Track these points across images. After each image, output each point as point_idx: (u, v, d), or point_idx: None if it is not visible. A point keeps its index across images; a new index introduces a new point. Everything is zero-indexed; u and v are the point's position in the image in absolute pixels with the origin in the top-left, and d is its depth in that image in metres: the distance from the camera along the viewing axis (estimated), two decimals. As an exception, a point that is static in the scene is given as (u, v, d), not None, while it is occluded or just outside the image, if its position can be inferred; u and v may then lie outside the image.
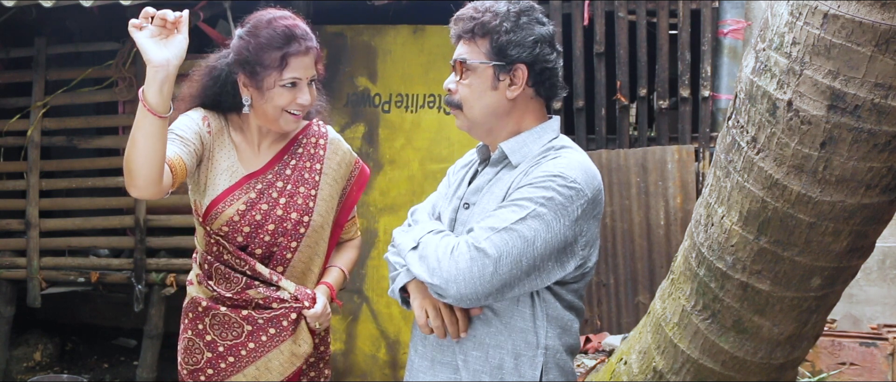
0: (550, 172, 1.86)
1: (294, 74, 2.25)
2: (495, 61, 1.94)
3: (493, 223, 1.84)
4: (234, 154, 2.35)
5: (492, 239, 1.81)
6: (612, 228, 4.94)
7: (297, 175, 2.37)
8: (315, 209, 2.38)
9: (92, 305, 6.32)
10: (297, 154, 2.40)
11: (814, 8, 1.87)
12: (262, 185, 2.33)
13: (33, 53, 5.16)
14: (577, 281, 1.97)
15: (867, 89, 1.84)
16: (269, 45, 2.25)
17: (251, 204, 2.31)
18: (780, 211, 2.09)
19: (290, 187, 2.35)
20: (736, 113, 2.18)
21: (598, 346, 4.31)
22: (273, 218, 2.32)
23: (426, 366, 2.02)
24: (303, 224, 2.36)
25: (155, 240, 5.11)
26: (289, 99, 2.26)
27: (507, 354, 1.93)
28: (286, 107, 2.27)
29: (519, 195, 1.86)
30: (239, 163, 2.35)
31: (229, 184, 2.32)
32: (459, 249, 1.83)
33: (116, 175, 5.24)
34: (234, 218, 2.30)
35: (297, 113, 2.29)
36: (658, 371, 2.72)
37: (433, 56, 5.15)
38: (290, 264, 2.38)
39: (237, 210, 2.30)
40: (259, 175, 2.35)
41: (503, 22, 1.93)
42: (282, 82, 2.24)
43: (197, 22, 4.82)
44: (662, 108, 5.10)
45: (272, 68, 2.24)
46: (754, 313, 2.33)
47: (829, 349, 3.98)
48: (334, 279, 2.50)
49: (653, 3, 5.06)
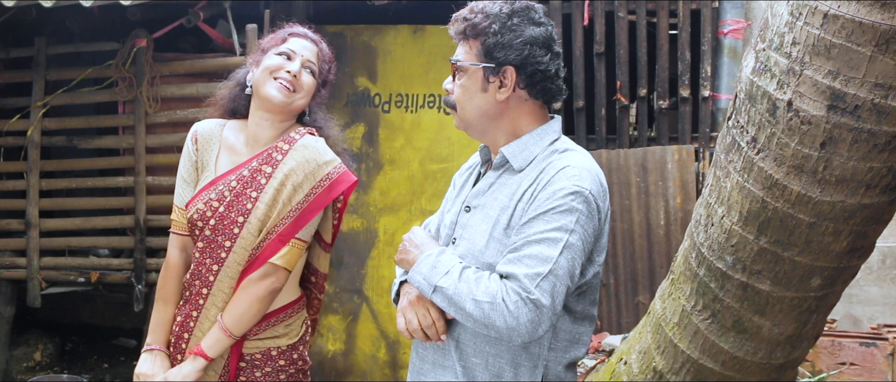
0: (568, 190, 1.83)
1: (290, 47, 2.40)
2: (485, 63, 1.92)
3: (536, 268, 1.79)
4: (220, 159, 2.44)
5: (542, 288, 1.77)
6: (612, 228, 4.94)
7: (249, 176, 2.39)
8: (252, 211, 2.35)
9: (92, 305, 6.32)
10: (263, 156, 2.41)
11: (814, 8, 1.87)
12: (223, 186, 2.40)
13: (33, 53, 5.15)
14: (590, 288, 1.97)
15: (867, 89, 1.84)
16: (281, 32, 2.47)
17: (208, 202, 2.38)
18: (780, 212, 2.09)
19: (238, 187, 2.38)
20: (736, 113, 2.18)
21: (598, 346, 4.31)
22: (216, 215, 2.37)
23: (428, 369, 2.03)
24: (237, 224, 2.36)
25: (155, 240, 5.11)
26: (277, 64, 2.37)
27: (506, 363, 1.92)
28: (274, 72, 2.36)
29: (546, 226, 1.82)
30: (220, 167, 2.43)
31: (201, 186, 2.43)
32: (511, 300, 1.78)
33: (116, 175, 5.25)
34: (194, 215, 2.39)
35: (284, 79, 2.35)
36: (658, 371, 2.72)
37: (433, 56, 5.15)
38: (225, 263, 2.37)
39: (197, 209, 2.39)
40: (226, 176, 2.41)
41: (492, 23, 1.91)
42: (277, 51, 2.40)
43: (197, 22, 4.82)
44: (662, 108, 5.10)
45: (274, 43, 2.43)
46: (754, 313, 2.33)
47: (829, 349, 3.98)
48: (209, 345, 2.35)
49: (653, 3, 5.06)
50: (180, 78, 5.06)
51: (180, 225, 2.46)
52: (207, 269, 2.38)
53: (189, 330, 2.41)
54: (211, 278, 2.38)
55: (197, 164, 2.45)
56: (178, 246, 2.47)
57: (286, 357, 2.45)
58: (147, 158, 5.05)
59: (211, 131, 2.47)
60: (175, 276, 2.46)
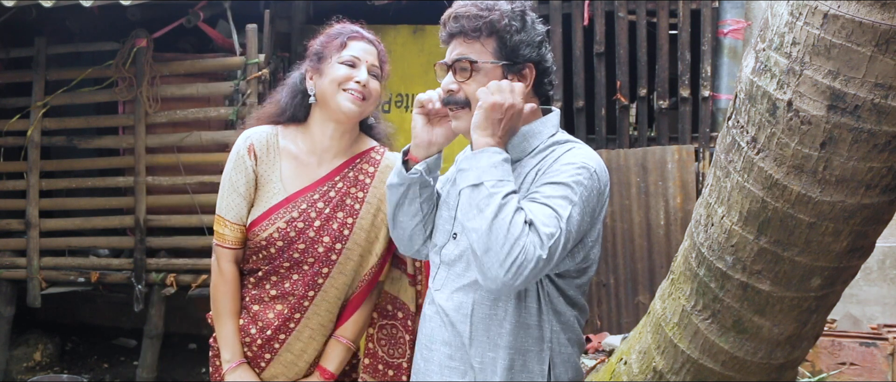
0: (576, 163, 1.88)
1: (353, 53, 2.31)
2: (503, 61, 1.94)
3: (549, 226, 1.79)
4: (284, 171, 2.34)
5: (551, 246, 1.78)
6: (612, 228, 4.94)
7: (339, 198, 2.32)
8: (351, 237, 2.31)
9: (92, 305, 6.33)
10: (347, 177, 2.35)
11: (814, 8, 1.87)
12: (306, 205, 2.30)
13: (33, 53, 5.16)
14: (580, 275, 1.98)
15: (867, 89, 1.84)
16: (335, 34, 2.36)
17: (291, 222, 2.28)
18: (780, 211, 2.09)
19: (328, 210, 2.30)
20: (736, 113, 2.18)
21: (598, 346, 4.31)
22: (305, 239, 2.28)
23: (434, 371, 2.02)
24: (334, 250, 2.29)
25: (155, 240, 5.11)
26: (345, 74, 2.28)
27: (516, 353, 1.94)
28: (342, 83, 2.28)
29: (553, 191, 1.84)
30: (287, 181, 2.33)
31: (272, 203, 2.31)
32: (530, 241, 1.77)
33: (116, 175, 5.25)
34: (274, 235, 2.28)
35: (355, 90, 2.28)
36: (658, 371, 2.72)
37: (433, 56, 5.14)
38: (322, 289, 2.32)
39: (277, 227, 2.28)
40: (305, 192, 2.32)
41: (512, 22, 1.93)
42: (341, 59, 2.30)
43: (197, 22, 4.82)
44: (662, 108, 5.10)
45: (334, 49, 2.32)
46: (754, 313, 2.33)
47: (829, 349, 3.98)
48: (336, 365, 2.38)
49: (653, 3, 5.06)
50: (180, 78, 5.06)
51: (233, 240, 2.33)
52: (301, 296, 2.31)
53: (273, 352, 2.34)
54: (306, 304, 2.31)
55: (257, 178, 2.32)
56: (232, 260, 2.35)
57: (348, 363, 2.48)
58: (147, 158, 5.05)
59: (267, 140, 2.34)
60: (236, 290, 2.35)
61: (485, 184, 1.79)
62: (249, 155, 2.31)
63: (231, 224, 2.31)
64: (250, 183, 2.31)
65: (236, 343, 2.33)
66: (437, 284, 2.06)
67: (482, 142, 1.86)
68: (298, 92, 2.37)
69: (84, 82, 5.17)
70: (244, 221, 2.31)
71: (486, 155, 1.83)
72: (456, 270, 2.01)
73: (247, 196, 2.31)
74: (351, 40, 2.33)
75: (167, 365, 5.65)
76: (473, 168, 1.83)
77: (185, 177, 4.99)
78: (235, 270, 2.36)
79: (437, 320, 2.03)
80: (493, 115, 1.86)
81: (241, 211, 2.31)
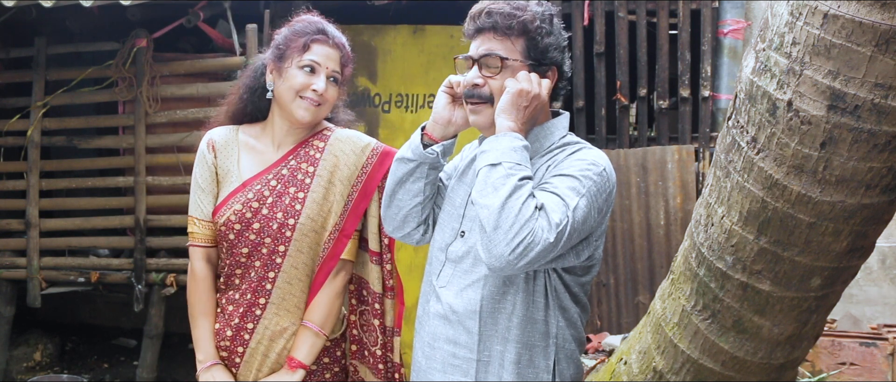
0: (587, 159, 1.92)
1: (313, 58, 2.29)
2: (531, 61, 1.97)
3: (558, 213, 1.81)
4: (242, 161, 2.37)
5: (559, 234, 1.80)
6: (612, 228, 4.94)
7: (290, 175, 2.35)
8: (303, 212, 2.32)
9: (92, 305, 6.32)
10: (299, 154, 2.38)
11: (814, 8, 1.87)
12: (260, 186, 2.33)
13: (33, 53, 5.16)
14: (585, 273, 2.02)
15: (867, 89, 1.83)
16: (299, 32, 2.33)
17: (246, 204, 2.32)
18: (780, 211, 2.09)
19: (280, 187, 2.33)
20: (736, 113, 2.18)
21: (598, 346, 4.31)
22: (259, 217, 2.31)
23: (437, 369, 2.03)
24: (287, 226, 2.31)
25: (155, 240, 5.11)
26: (303, 82, 2.28)
27: (523, 348, 1.96)
28: (300, 91, 2.28)
29: (564, 183, 1.87)
30: (245, 169, 2.36)
31: (230, 190, 2.35)
32: (539, 225, 1.79)
33: (116, 175, 5.25)
34: (231, 218, 2.31)
35: (312, 99, 2.28)
36: (658, 371, 2.72)
37: (433, 56, 5.15)
38: (282, 269, 2.32)
39: (234, 210, 2.31)
40: (261, 176, 2.35)
41: (543, 24, 1.97)
42: (301, 64, 2.29)
43: (197, 22, 4.82)
44: (662, 108, 5.10)
45: (295, 50, 2.30)
46: (754, 313, 2.33)
47: (829, 349, 3.98)
48: (305, 353, 2.35)
49: (653, 3, 5.06)
50: (180, 78, 5.06)
51: (202, 237, 2.37)
52: (262, 278, 2.32)
53: (244, 344, 2.34)
54: (268, 286, 2.32)
55: (217, 173, 2.36)
56: (203, 259, 2.37)
57: (330, 355, 2.46)
58: (147, 158, 5.05)
59: (227, 136, 2.39)
60: (209, 289, 2.37)
61: (503, 164, 1.84)
62: (209, 150, 2.37)
63: (200, 221, 2.37)
64: (212, 176, 2.36)
65: (209, 343, 2.35)
66: (442, 281, 2.06)
67: (505, 126, 1.91)
68: (258, 87, 2.39)
69: (84, 82, 5.17)
70: (211, 217, 2.36)
71: (507, 138, 1.88)
72: (463, 267, 2.02)
73: (210, 191, 2.36)
74: (314, 43, 2.30)
75: (167, 365, 5.65)
76: (494, 149, 1.87)
77: (185, 177, 4.99)
78: (208, 269, 2.39)
79: (442, 318, 2.03)
80: (519, 101, 1.91)
81: (208, 207, 2.36)
